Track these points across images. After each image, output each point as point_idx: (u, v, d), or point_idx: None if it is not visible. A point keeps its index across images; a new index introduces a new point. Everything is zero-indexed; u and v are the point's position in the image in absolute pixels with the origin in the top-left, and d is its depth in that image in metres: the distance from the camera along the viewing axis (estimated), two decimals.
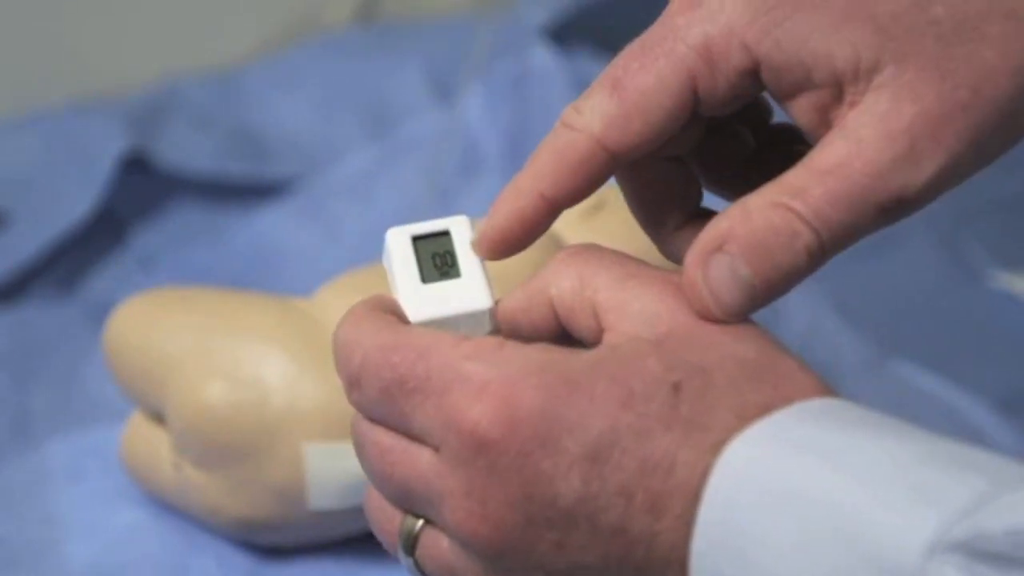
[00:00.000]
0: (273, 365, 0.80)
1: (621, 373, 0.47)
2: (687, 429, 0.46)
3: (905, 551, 0.41)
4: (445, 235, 0.54)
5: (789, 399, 0.47)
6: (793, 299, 0.96)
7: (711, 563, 0.45)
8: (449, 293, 0.53)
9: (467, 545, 0.48)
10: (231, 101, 1.19)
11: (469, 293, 0.53)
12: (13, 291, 1.06)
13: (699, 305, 0.49)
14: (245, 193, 1.14)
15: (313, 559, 0.84)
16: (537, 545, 0.47)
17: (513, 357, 0.48)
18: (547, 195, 0.52)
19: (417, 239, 0.54)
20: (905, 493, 0.42)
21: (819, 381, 0.48)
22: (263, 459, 0.79)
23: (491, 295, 0.53)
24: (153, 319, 0.84)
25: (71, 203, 1.08)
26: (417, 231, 0.54)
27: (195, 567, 0.83)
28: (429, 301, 0.53)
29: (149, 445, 0.84)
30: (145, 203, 1.13)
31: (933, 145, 0.48)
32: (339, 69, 1.21)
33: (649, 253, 0.55)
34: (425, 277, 0.53)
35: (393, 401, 0.49)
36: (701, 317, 0.49)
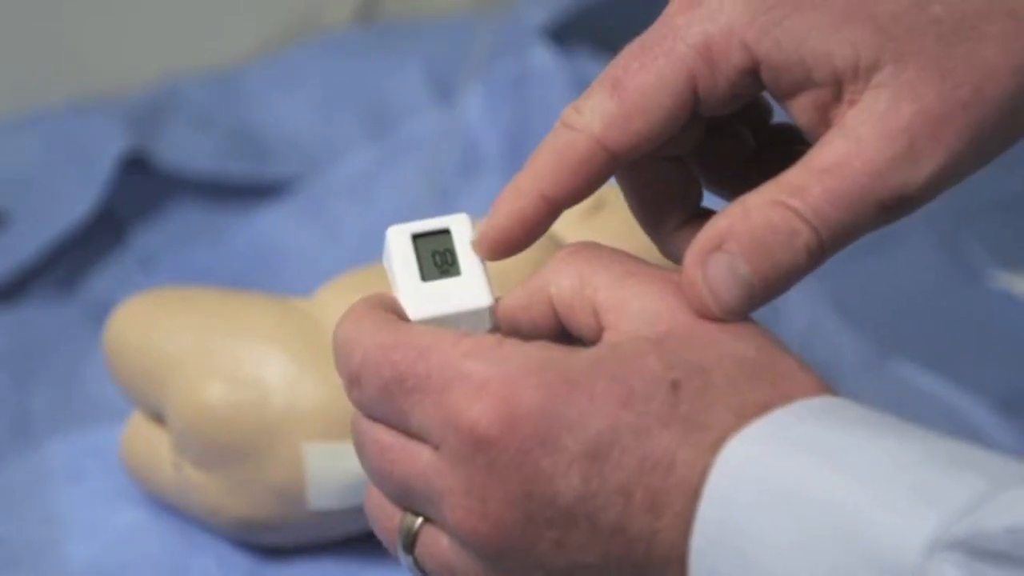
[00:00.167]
0: (273, 365, 0.80)
1: (621, 372, 0.47)
2: (686, 428, 0.46)
3: (905, 550, 0.41)
4: (445, 233, 0.54)
5: (789, 398, 0.47)
6: (793, 298, 0.96)
7: (710, 561, 0.45)
8: (449, 291, 0.53)
9: (466, 543, 0.48)
10: (231, 101, 1.18)
11: (469, 291, 0.53)
12: (13, 291, 1.06)
13: (698, 304, 0.49)
14: (245, 193, 1.14)
15: (313, 559, 0.84)
16: (537, 543, 0.47)
17: (513, 355, 0.48)
18: (547, 195, 0.52)
19: (417, 237, 0.54)
20: (905, 492, 0.42)
21: (819, 380, 0.48)
22: (263, 459, 0.79)
23: (491, 293, 0.53)
24: (153, 319, 0.84)
25: (71, 203, 1.08)
26: (417, 229, 0.54)
27: (195, 567, 0.83)
28: (429, 299, 0.53)
29: (149, 445, 0.84)
30: (145, 203, 1.13)
31: (932, 144, 0.48)
32: (339, 69, 1.21)
33: (649, 252, 0.55)
34: (425, 275, 0.53)
35: (393, 399, 0.49)
36: (700, 316, 0.49)
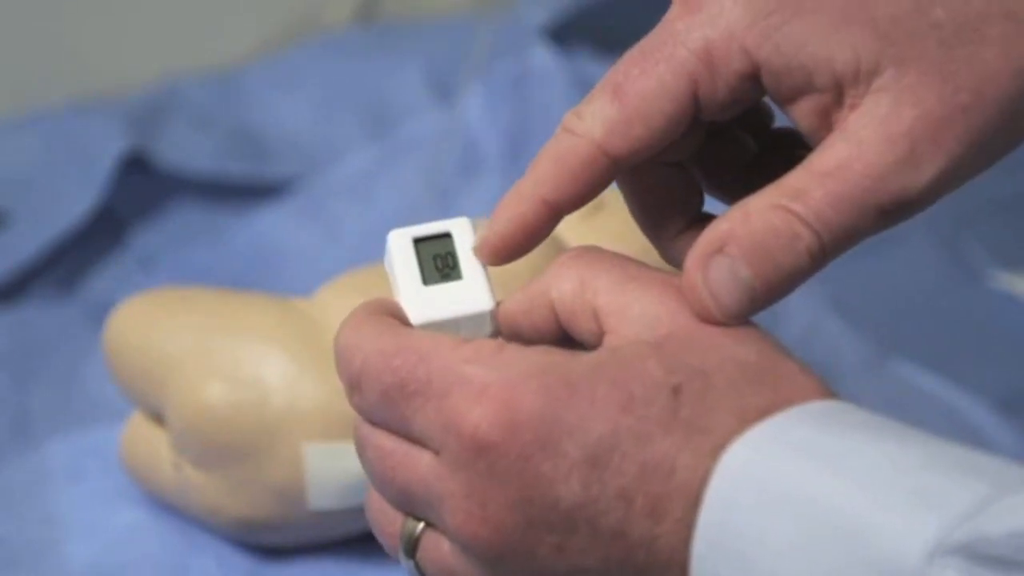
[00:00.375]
0: (273, 365, 0.80)
1: (621, 376, 0.47)
2: (687, 432, 0.46)
3: (906, 554, 0.41)
4: (446, 237, 0.54)
5: (790, 401, 0.47)
6: (793, 299, 0.96)
7: (710, 565, 0.45)
8: (450, 295, 0.53)
9: (467, 548, 0.48)
10: (231, 101, 1.18)
11: (470, 295, 0.53)
12: (13, 291, 1.06)
13: (699, 307, 0.49)
14: (245, 193, 1.14)
15: (313, 559, 0.84)
16: (537, 548, 0.47)
17: (513, 360, 0.48)
18: (549, 200, 0.52)
19: (418, 241, 0.53)
20: (906, 496, 0.42)
21: (820, 383, 0.48)
22: (263, 459, 0.79)
23: (492, 297, 0.53)
24: (153, 319, 0.84)
25: (71, 203, 1.08)
26: (418, 233, 0.54)
27: (195, 567, 0.83)
28: (430, 303, 0.53)
29: (149, 445, 0.84)
30: (145, 203, 1.13)
31: (933, 148, 0.48)
32: (339, 69, 1.21)
33: (649, 253, 0.55)
34: (426, 279, 0.53)
35: (394, 405, 0.49)
36: (701, 319, 0.49)
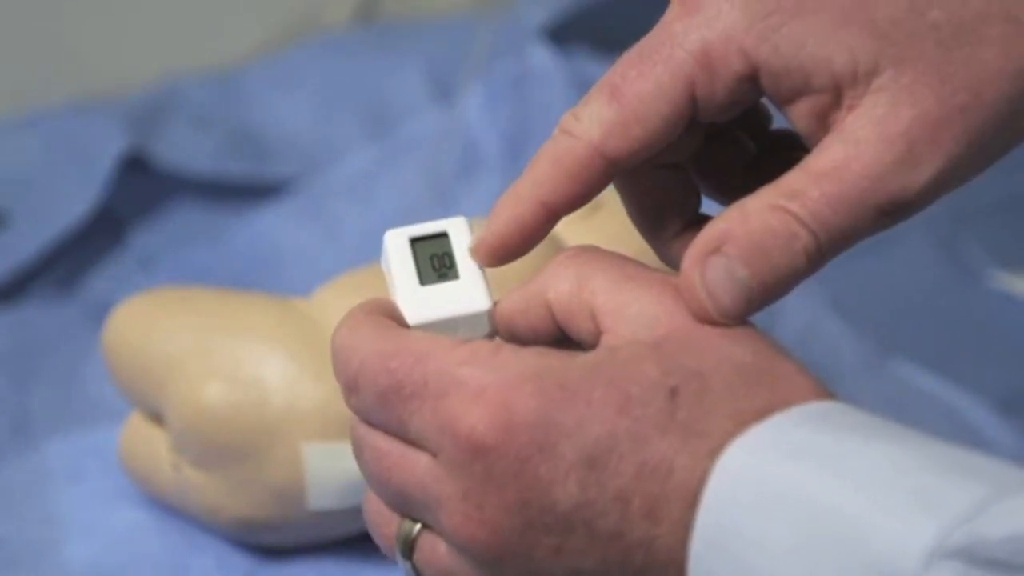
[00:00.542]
0: (273, 365, 0.80)
1: (618, 378, 0.47)
2: (684, 434, 0.46)
3: (904, 556, 0.41)
4: (443, 237, 0.54)
5: (787, 402, 0.47)
6: (791, 299, 0.95)
7: (708, 566, 0.45)
8: (447, 295, 0.53)
9: (464, 550, 0.48)
10: (231, 101, 1.18)
11: (467, 295, 0.53)
12: (13, 291, 1.06)
13: (696, 307, 0.49)
14: (245, 193, 1.14)
15: (313, 559, 0.84)
16: (535, 550, 0.47)
17: (510, 362, 0.48)
18: (546, 202, 0.52)
19: (415, 241, 0.53)
20: (904, 498, 0.42)
21: (818, 384, 0.48)
22: (262, 459, 0.79)
23: (489, 297, 0.53)
24: (153, 319, 0.84)
25: (71, 203, 1.08)
26: (415, 233, 0.54)
27: (195, 567, 0.83)
28: (427, 303, 0.52)
29: (148, 446, 0.84)
30: (145, 203, 1.13)
31: (931, 148, 0.48)
32: (339, 69, 1.21)
33: (647, 254, 0.55)
34: (423, 279, 0.53)
35: (390, 406, 0.49)
36: (698, 319, 0.49)
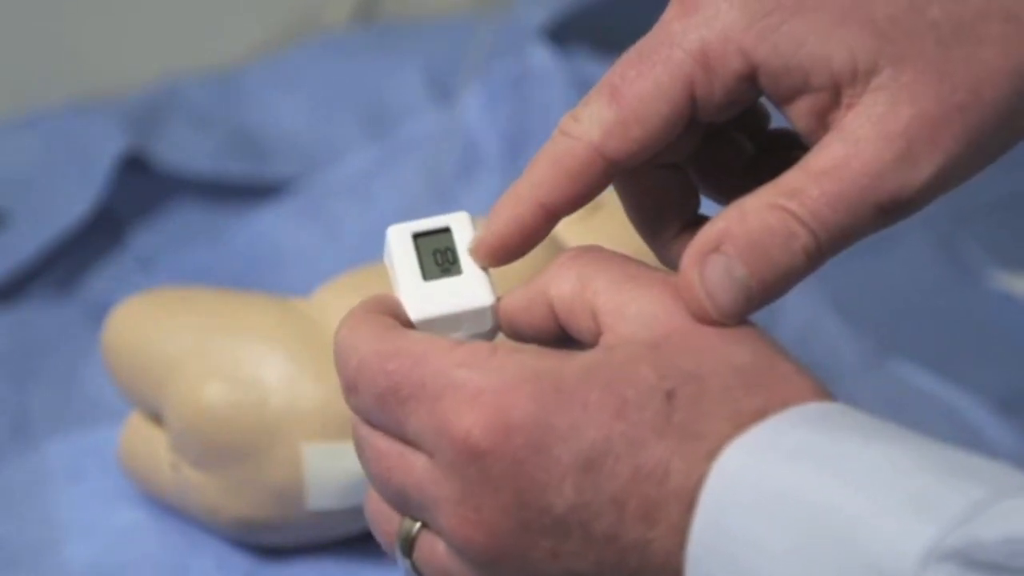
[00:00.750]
0: (273, 365, 0.80)
1: (615, 381, 0.47)
2: (681, 438, 0.46)
3: (901, 558, 0.41)
4: (446, 232, 0.54)
5: (785, 403, 0.47)
6: (790, 298, 0.95)
7: (705, 568, 0.45)
8: (451, 290, 0.53)
9: (461, 551, 0.48)
10: (231, 101, 1.18)
11: (470, 290, 0.53)
12: (13, 291, 1.06)
13: (695, 306, 0.49)
14: (245, 193, 1.14)
15: (313, 559, 0.84)
16: (531, 552, 0.47)
17: (506, 364, 0.48)
18: (545, 203, 0.52)
19: (418, 236, 0.53)
20: (902, 499, 0.42)
21: (816, 385, 0.48)
22: (262, 459, 0.79)
23: (493, 292, 0.53)
24: (152, 319, 0.84)
25: (71, 203, 1.08)
26: (418, 228, 0.54)
27: (195, 567, 0.83)
28: (430, 299, 0.52)
29: (147, 446, 0.84)
30: (145, 203, 1.13)
31: (930, 147, 0.48)
32: (339, 69, 1.21)
33: (646, 253, 0.55)
34: (426, 274, 0.53)
35: (388, 407, 0.49)
36: (698, 319, 0.49)
